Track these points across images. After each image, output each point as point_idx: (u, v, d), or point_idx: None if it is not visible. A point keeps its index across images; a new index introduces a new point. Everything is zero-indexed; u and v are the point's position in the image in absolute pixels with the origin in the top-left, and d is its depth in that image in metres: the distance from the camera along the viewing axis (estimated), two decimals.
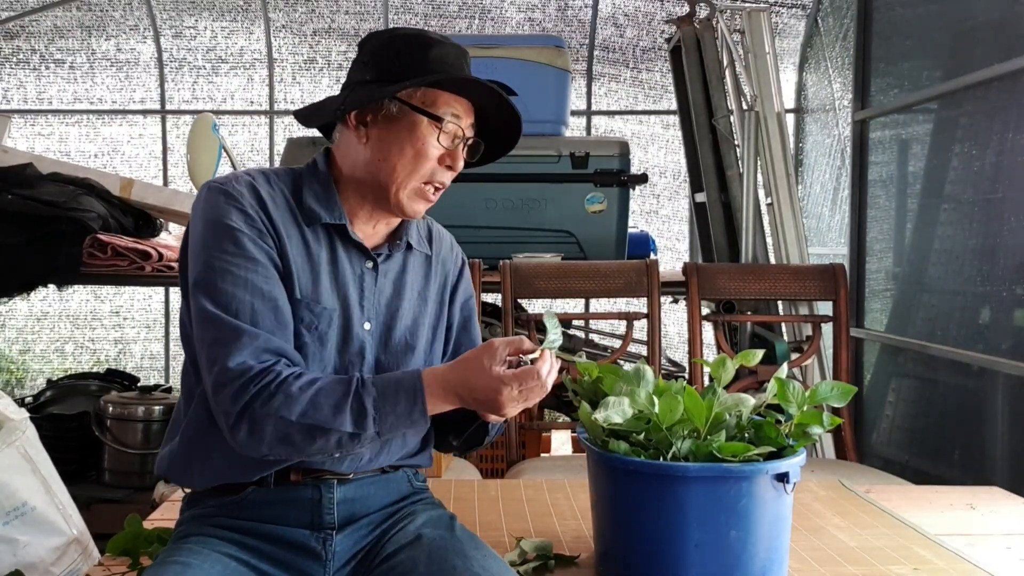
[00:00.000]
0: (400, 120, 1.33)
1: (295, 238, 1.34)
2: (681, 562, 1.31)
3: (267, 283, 1.28)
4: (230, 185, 1.32)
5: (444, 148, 1.35)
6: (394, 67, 1.33)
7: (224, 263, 1.27)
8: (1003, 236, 2.59)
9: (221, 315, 1.25)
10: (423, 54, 1.33)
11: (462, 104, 1.36)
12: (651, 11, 5.24)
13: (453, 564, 1.25)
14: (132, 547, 1.51)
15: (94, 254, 3.00)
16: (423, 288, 1.46)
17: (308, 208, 1.35)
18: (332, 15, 5.32)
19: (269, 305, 1.27)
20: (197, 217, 1.33)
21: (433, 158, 1.34)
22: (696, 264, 2.83)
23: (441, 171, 1.36)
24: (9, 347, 5.67)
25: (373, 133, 1.34)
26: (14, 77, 5.46)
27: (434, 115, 1.33)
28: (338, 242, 1.37)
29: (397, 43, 1.36)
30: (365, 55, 1.38)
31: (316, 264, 1.34)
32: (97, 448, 3.45)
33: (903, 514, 1.81)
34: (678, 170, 5.37)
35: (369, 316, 1.38)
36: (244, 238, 1.28)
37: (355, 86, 1.37)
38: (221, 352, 1.23)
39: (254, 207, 1.31)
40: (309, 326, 1.32)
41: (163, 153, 5.52)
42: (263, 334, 1.25)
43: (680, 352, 4.91)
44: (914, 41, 3.20)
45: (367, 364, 1.37)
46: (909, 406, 3.14)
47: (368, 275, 1.39)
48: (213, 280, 1.26)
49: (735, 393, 1.43)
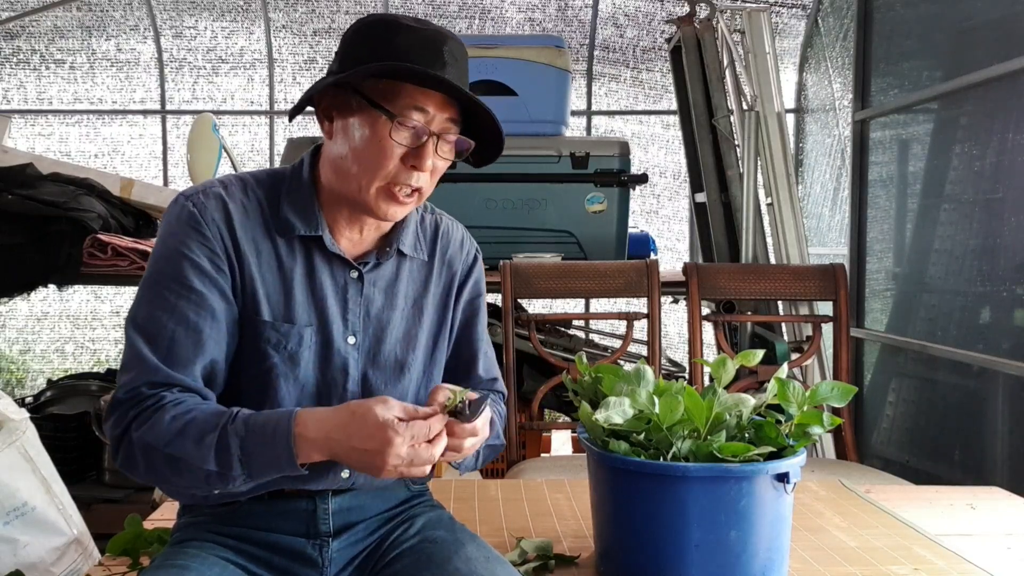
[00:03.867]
0: (359, 114, 1.23)
1: (266, 253, 1.27)
2: (681, 562, 1.31)
3: (196, 314, 1.22)
4: (196, 198, 1.26)
5: (405, 146, 1.23)
6: (352, 56, 1.24)
7: (160, 286, 1.23)
8: (1003, 236, 2.59)
9: (136, 338, 1.21)
10: (388, 40, 1.22)
11: (433, 99, 1.22)
12: (651, 11, 5.24)
13: (456, 566, 1.24)
14: (132, 547, 1.51)
15: (94, 254, 3.00)
16: (419, 296, 1.38)
17: (283, 219, 1.28)
18: (332, 15, 5.32)
19: (191, 337, 1.21)
20: (160, 227, 1.29)
21: (393, 156, 1.23)
22: (696, 264, 2.83)
23: (405, 172, 1.24)
24: (9, 347, 5.67)
25: (337, 128, 1.26)
26: (14, 77, 5.46)
27: (387, 110, 1.21)
28: (316, 253, 1.30)
29: (365, 28, 1.25)
30: (342, 44, 1.29)
31: (289, 279, 1.28)
32: (97, 448, 3.45)
33: (903, 514, 1.81)
34: (678, 170, 5.37)
35: (354, 329, 1.31)
36: (187, 266, 1.23)
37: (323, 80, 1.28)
38: (121, 376, 1.20)
39: (216, 224, 1.25)
40: (277, 346, 1.27)
41: (163, 153, 5.52)
42: (164, 369, 1.19)
43: (680, 352, 4.91)
44: (914, 41, 3.20)
45: (352, 380, 1.31)
46: (909, 406, 3.14)
47: (352, 286, 1.31)
48: (143, 302, 1.24)
49: (735, 393, 1.43)
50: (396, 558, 1.31)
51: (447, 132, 1.25)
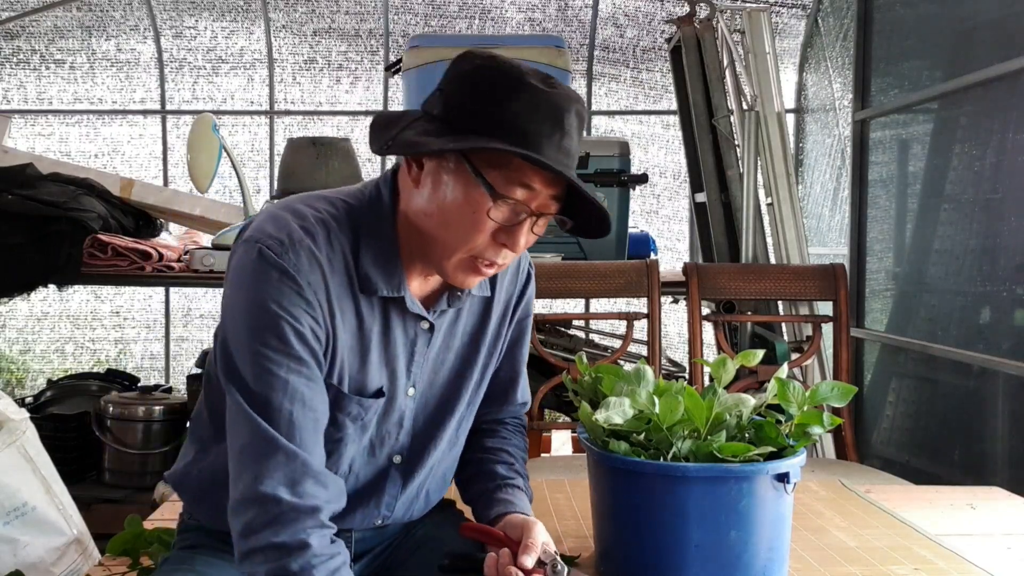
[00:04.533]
0: (456, 176, 1.10)
1: (348, 312, 1.17)
2: (681, 562, 1.31)
3: (310, 389, 1.12)
4: (287, 256, 1.11)
5: (499, 223, 1.11)
6: (464, 111, 1.09)
7: (266, 359, 1.10)
8: (1003, 236, 2.59)
9: (257, 419, 1.09)
10: (503, 102, 1.07)
11: (541, 176, 1.09)
12: (651, 11, 5.24)
13: None
14: (132, 547, 1.51)
15: (94, 254, 3.00)
16: (476, 331, 1.31)
17: (365, 276, 1.16)
18: (332, 15, 5.32)
19: (309, 416, 1.12)
20: (242, 287, 1.13)
21: (485, 232, 1.11)
22: (696, 264, 2.83)
23: (494, 249, 1.13)
24: (9, 347, 5.67)
25: (426, 180, 1.13)
26: (14, 77, 5.46)
27: (491, 187, 1.09)
28: (393, 309, 1.20)
29: (479, 77, 1.10)
30: (445, 80, 1.14)
31: (367, 341, 1.19)
32: (97, 448, 3.46)
33: (903, 514, 1.81)
34: (678, 170, 5.37)
35: (415, 381, 1.26)
36: (291, 334, 1.10)
37: (422, 117, 1.14)
38: (252, 465, 1.08)
39: (313, 288, 1.12)
40: (355, 418, 1.20)
41: (163, 153, 5.52)
42: (300, 455, 1.09)
43: (680, 352, 4.91)
44: (914, 41, 3.20)
45: (404, 431, 1.28)
46: (909, 406, 3.14)
47: (421, 337, 1.23)
48: (250, 376, 1.10)
49: (735, 393, 1.42)
50: (404, 558, 1.32)
51: (547, 209, 1.13)
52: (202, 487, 1.27)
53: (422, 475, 1.32)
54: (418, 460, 1.30)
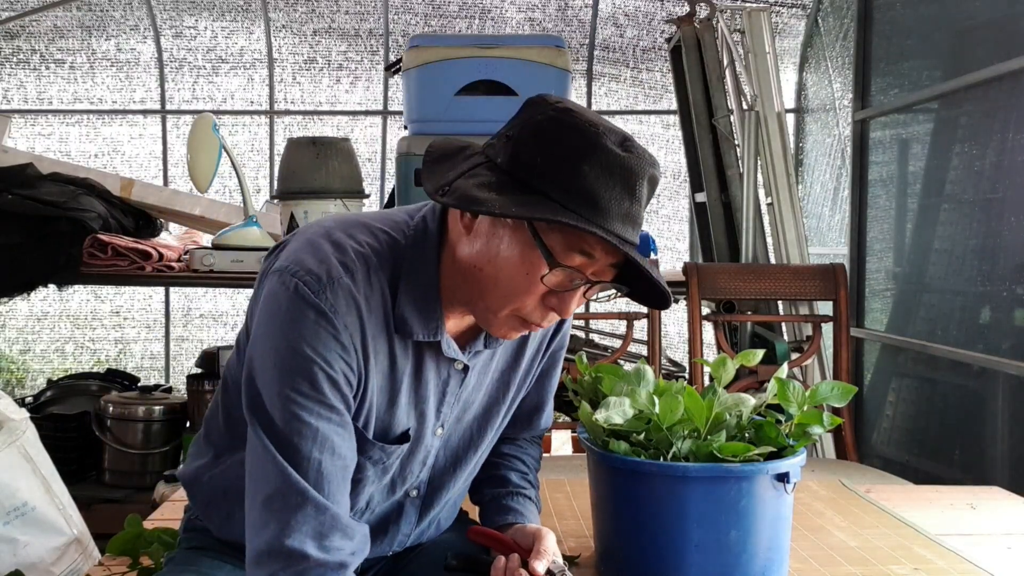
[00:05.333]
0: (513, 234, 1.05)
1: (382, 354, 1.11)
2: (681, 562, 1.31)
3: (340, 437, 1.07)
4: (324, 297, 1.05)
5: (552, 288, 1.06)
6: (531, 168, 1.02)
7: (296, 404, 1.04)
8: (1003, 236, 2.59)
9: (285, 466, 1.04)
10: (576, 164, 1.01)
11: (604, 244, 1.03)
12: (651, 11, 5.24)
13: None
14: (132, 547, 1.51)
15: (94, 254, 3.00)
16: (507, 369, 1.27)
17: (401, 318, 1.11)
18: (332, 15, 5.32)
19: (339, 465, 1.07)
20: (275, 322, 1.07)
21: (536, 295, 1.06)
22: (696, 264, 2.83)
23: (541, 312, 1.08)
24: (9, 347, 5.67)
25: (480, 230, 1.07)
26: (14, 77, 5.46)
27: (550, 254, 1.03)
28: (426, 349, 1.15)
29: (551, 133, 1.03)
30: (515, 126, 1.07)
31: (398, 383, 1.14)
32: (97, 448, 3.46)
33: (903, 514, 1.81)
34: (678, 170, 5.37)
35: (444, 421, 1.22)
36: (324, 380, 1.05)
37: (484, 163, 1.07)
38: (279, 515, 1.03)
39: (349, 332, 1.06)
40: (376, 462, 1.16)
41: (163, 153, 5.52)
42: (330, 508, 1.04)
43: (680, 352, 4.91)
44: (914, 41, 3.20)
45: (426, 468, 1.25)
46: (909, 406, 3.14)
47: (454, 378, 1.19)
48: (280, 419, 1.05)
49: (735, 393, 1.43)
50: (408, 558, 1.32)
51: (603, 276, 1.08)
52: (214, 494, 1.24)
53: (437, 508, 1.31)
54: (436, 496, 1.29)
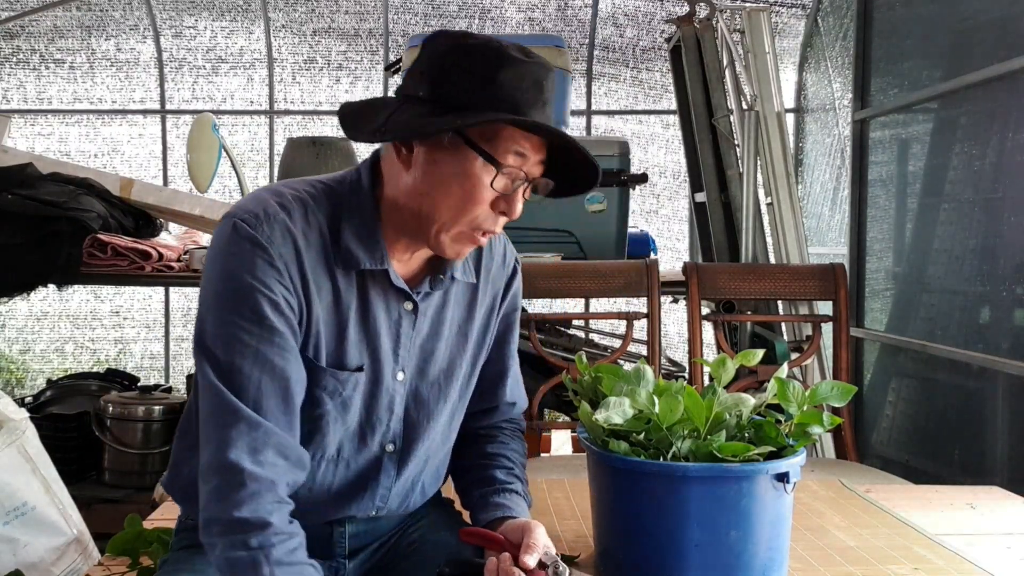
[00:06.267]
0: (451, 152, 1.12)
1: (325, 288, 1.17)
2: (681, 562, 1.31)
3: (281, 357, 1.12)
4: (260, 229, 1.12)
5: (499, 192, 1.14)
6: (454, 89, 1.10)
7: (236, 328, 1.11)
8: (1003, 236, 2.59)
9: (223, 389, 1.10)
10: (491, 76, 1.09)
11: (532, 142, 1.13)
12: (651, 11, 5.24)
13: None
14: (132, 547, 1.51)
15: (94, 254, 3.00)
16: (464, 321, 1.31)
17: (346, 250, 1.17)
18: (332, 15, 5.33)
19: (279, 385, 1.12)
20: (216, 259, 1.14)
21: (485, 202, 1.14)
22: (696, 264, 2.83)
23: (492, 218, 1.16)
24: (9, 347, 5.68)
25: (419, 160, 1.14)
26: (14, 77, 5.46)
27: (492, 158, 1.11)
28: (372, 285, 1.20)
29: (461, 55, 1.11)
30: (423, 61, 1.14)
31: (344, 318, 1.19)
32: (97, 448, 3.45)
33: (903, 514, 1.81)
34: (678, 170, 5.37)
35: (404, 365, 1.25)
36: (264, 302, 1.11)
37: (405, 101, 1.15)
38: (216, 433, 1.10)
39: (284, 260, 1.13)
40: (333, 393, 1.20)
41: (163, 153, 5.53)
42: (263, 424, 1.10)
43: (680, 352, 4.91)
44: (914, 41, 3.20)
45: (395, 417, 1.27)
46: (909, 406, 3.14)
47: (406, 319, 1.23)
48: (221, 346, 1.11)
49: (735, 393, 1.42)
50: (400, 559, 1.31)
51: (536, 174, 1.17)
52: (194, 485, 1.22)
53: (416, 465, 1.31)
54: (411, 449, 1.29)
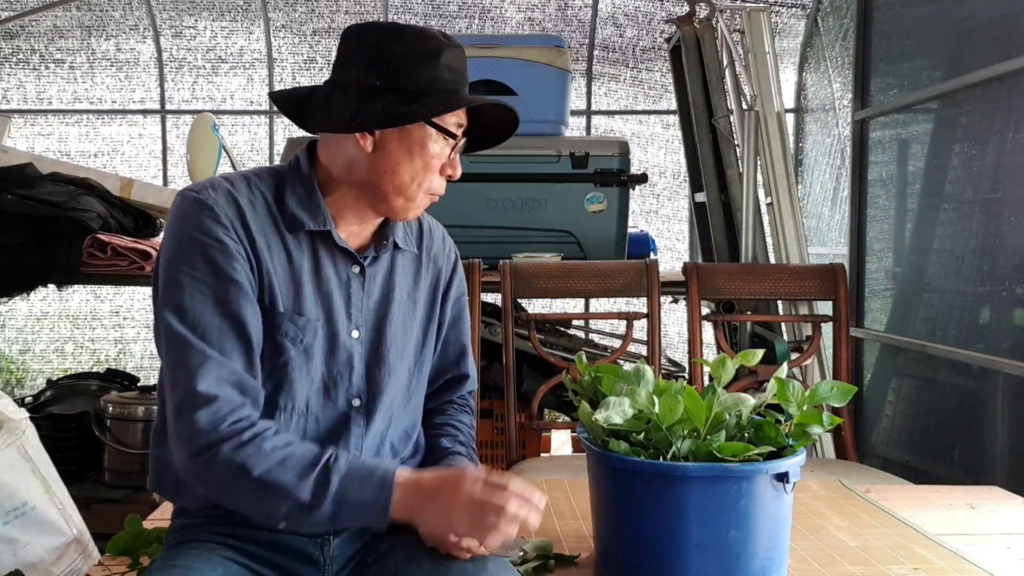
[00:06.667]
0: (412, 133, 1.29)
1: (276, 247, 1.29)
2: (681, 562, 1.31)
3: (236, 304, 1.23)
4: (205, 193, 1.26)
5: (445, 159, 1.33)
6: (411, 78, 1.27)
7: (192, 279, 1.22)
8: (1003, 236, 2.59)
9: (187, 334, 1.20)
10: (435, 61, 1.28)
11: (462, 113, 1.34)
12: (651, 11, 5.24)
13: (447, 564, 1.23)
14: (132, 547, 1.51)
15: (94, 254, 3.00)
16: (412, 289, 1.43)
17: (290, 214, 1.30)
18: (332, 15, 5.33)
19: (236, 329, 1.22)
20: (169, 227, 1.27)
21: (437, 169, 1.33)
22: (696, 264, 2.83)
23: (439, 180, 1.35)
24: (9, 347, 5.67)
25: (382, 143, 1.30)
26: (14, 77, 5.46)
27: (452, 134, 1.31)
28: (321, 248, 1.33)
29: (406, 47, 1.28)
30: (367, 52, 1.29)
31: (298, 274, 1.30)
32: (97, 448, 3.45)
33: (903, 514, 1.81)
34: (678, 170, 5.37)
35: (357, 324, 1.35)
36: (215, 253, 1.23)
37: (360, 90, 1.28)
38: (186, 375, 1.18)
39: (230, 218, 1.25)
40: (294, 339, 1.29)
41: (163, 153, 5.52)
42: (228, 363, 1.20)
43: (680, 352, 4.91)
44: (914, 41, 3.20)
45: (356, 374, 1.34)
46: (909, 406, 3.14)
47: (355, 280, 1.35)
48: (180, 297, 1.21)
49: (735, 393, 1.43)
50: (392, 550, 1.30)
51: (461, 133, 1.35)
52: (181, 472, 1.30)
53: (382, 420, 1.37)
54: (375, 404, 1.36)
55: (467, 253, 1.96)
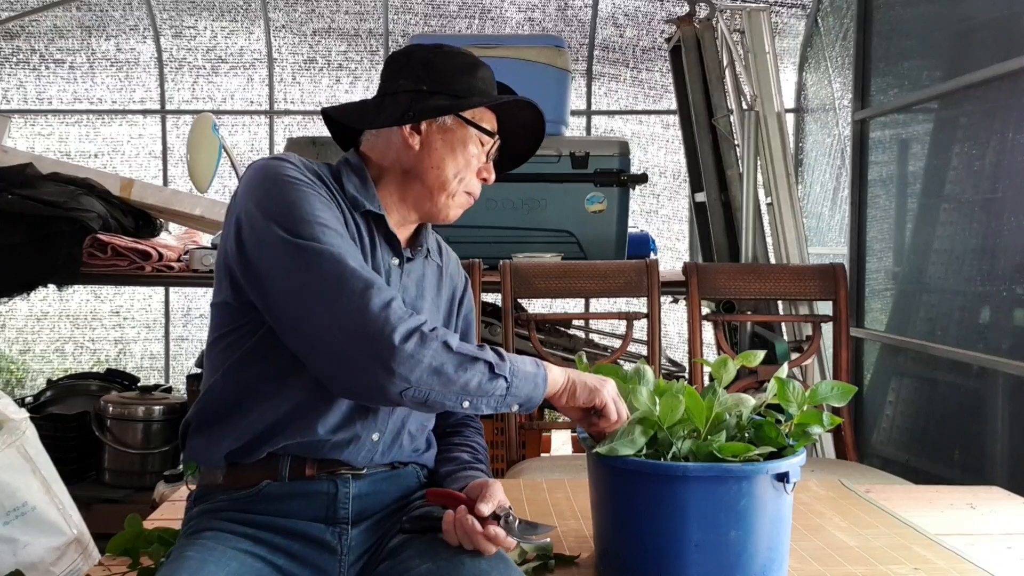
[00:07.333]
0: (456, 132, 1.42)
1: (343, 217, 1.36)
2: (681, 562, 1.31)
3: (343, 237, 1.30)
4: (288, 160, 1.35)
5: (482, 162, 1.45)
6: (456, 84, 1.42)
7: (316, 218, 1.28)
8: (1003, 236, 2.59)
9: (342, 256, 1.25)
10: (473, 72, 1.44)
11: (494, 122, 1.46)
12: (651, 11, 5.24)
13: (461, 559, 1.26)
14: (132, 547, 1.51)
15: (94, 254, 3.00)
16: (435, 296, 1.51)
17: (350, 195, 1.39)
18: (332, 15, 5.32)
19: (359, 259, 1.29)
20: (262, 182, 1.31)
21: (475, 169, 1.44)
22: (696, 264, 2.83)
23: (476, 181, 1.46)
24: (9, 347, 5.67)
25: (428, 140, 1.41)
26: (14, 77, 5.46)
27: (488, 131, 1.43)
28: (376, 232, 1.41)
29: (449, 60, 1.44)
30: (415, 66, 1.43)
31: (363, 247, 1.37)
32: (97, 448, 3.46)
33: (903, 514, 1.81)
34: (678, 170, 5.37)
35: None
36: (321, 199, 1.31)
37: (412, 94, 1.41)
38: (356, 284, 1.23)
39: (315, 178, 1.35)
40: None
41: (163, 153, 5.52)
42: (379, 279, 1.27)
43: (680, 352, 4.91)
44: (914, 41, 3.21)
45: None
46: (909, 406, 3.14)
47: (394, 272, 1.42)
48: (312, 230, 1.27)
49: (735, 393, 1.43)
50: (404, 546, 1.32)
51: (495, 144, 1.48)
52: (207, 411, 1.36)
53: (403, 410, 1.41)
54: None
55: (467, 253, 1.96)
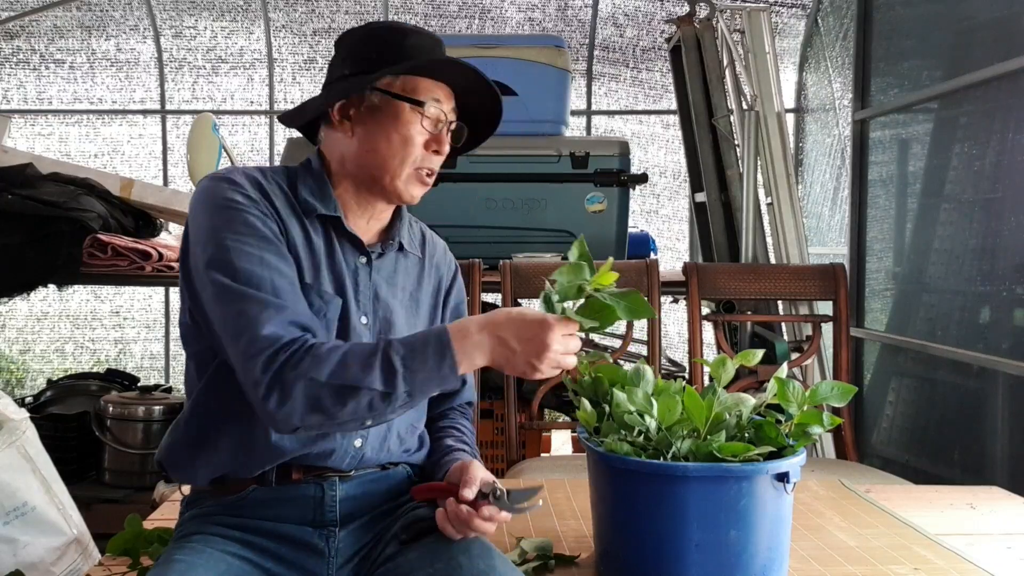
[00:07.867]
0: (383, 110, 1.36)
1: (296, 228, 1.34)
2: (681, 562, 1.31)
3: (281, 262, 1.28)
4: (232, 175, 1.33)
5: (429, 133, 1.37)
6: (371, 58, 1.36)
7: (237, 243, 1.25)
8: (1003, 236, 2.59)
9: (244, 288, 1.23)
10: (399, 44, 1.37)
11: (442, 89, 1.39)
12: (651, 11, 5.24)
13: (458, 561, 1.25)
14: (132, 547, 1.51)
15: (94, 254, 3.00)
16: (415, 290, 1.47)
17: (304, 201, 1.36)
18: (332, 15, 5.32)
19: (286, 281, 1.26)
20: (200, 205, 1.31)
21: (419, 144, 1.37)
22: (696, 264, 2.83)
23: (428, 156, 1.39)
24: (9, 347, 5.67)
25: (358, 126, 1.37)
26: (14, 77, 5.46)
27: (416, 100, 1.35)
28: (334, 235, 1.38)
29: (372, 35, 1.39)
30: (342, 51, 1.41)
31: (316, 254, 1.35)
32: (97, 448, 3.45)
33: (903, 514, 1.81)
34: (678, 170, 5.37)
35: (364, 311, 1.38)
36: (253, 219, 1.28)
37: (335, 82, 1.39)
38: (248, 323, 1.21)
39: (256, 196, 1.32)
40: (318, 312, 1.32)
41: (163, 153, 5.52)
42: (289, 307, 1.24)
43: (680, 352, 4.91)
44: (914, 41, 3.21)
45: None
46: (909, 406, 3.14)
47: (362, 270, 1.39)
48: (228, 258, 1.24)
49: (735, 393, 1.43)
50: (401, 552, 1.31)
51: (454, 119, 1.40)
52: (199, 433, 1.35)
53: None
54: None
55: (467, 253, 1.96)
